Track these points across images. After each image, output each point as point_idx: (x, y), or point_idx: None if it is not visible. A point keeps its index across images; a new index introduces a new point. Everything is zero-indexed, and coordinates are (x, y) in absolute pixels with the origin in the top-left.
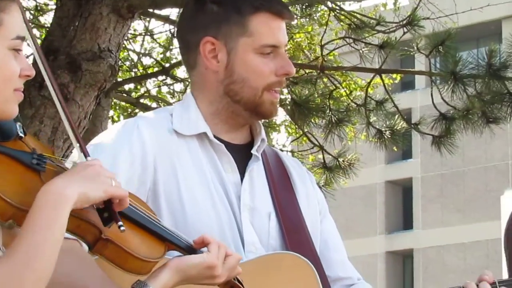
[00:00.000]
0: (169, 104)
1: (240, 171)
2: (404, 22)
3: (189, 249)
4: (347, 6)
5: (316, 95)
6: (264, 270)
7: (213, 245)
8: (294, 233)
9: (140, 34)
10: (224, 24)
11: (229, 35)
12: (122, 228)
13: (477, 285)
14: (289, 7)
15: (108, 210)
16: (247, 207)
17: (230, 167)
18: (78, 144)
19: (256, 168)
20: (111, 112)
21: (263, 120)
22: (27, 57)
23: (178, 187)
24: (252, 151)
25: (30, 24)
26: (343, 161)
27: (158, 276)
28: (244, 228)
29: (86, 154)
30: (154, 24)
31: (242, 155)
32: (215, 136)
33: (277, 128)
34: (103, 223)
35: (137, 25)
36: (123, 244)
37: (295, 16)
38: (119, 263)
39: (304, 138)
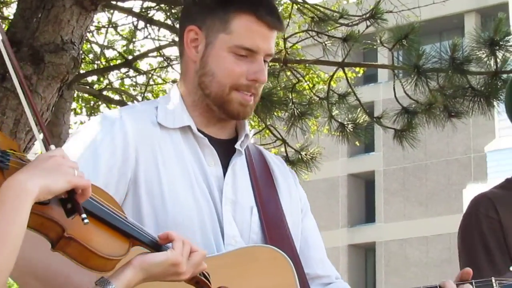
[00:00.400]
0: (132, 96)
1: (223, 165)
2: (367, 15)
3: (154, 246)
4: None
5: (279, 88)
6: (241, 262)
7: (177, 242)
8: (274, 228)
9: (104, 27)
10: (209, 17)
11: (211, 29)
12: (85, 220)
13: (457, 285)
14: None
15: (71, 201)
16: (229, 200)
17: (213, 161)
18: (41, 134)
19: (239, 163)
20: (74, 104)
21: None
22: None
23: (159, 179)
24: (235, 146)
25: None
26: (305, 154)
27: (122, 274)
28: (225, 221)
29: (49, 144)
30: (118, 17)
31: (226, 150)
32: (198, 130)
33: None
34: (66, 214)
35: (101, 17)
36: (86, 243)
37: (283, 26)
38: (82, 261)
39: (267, 131)
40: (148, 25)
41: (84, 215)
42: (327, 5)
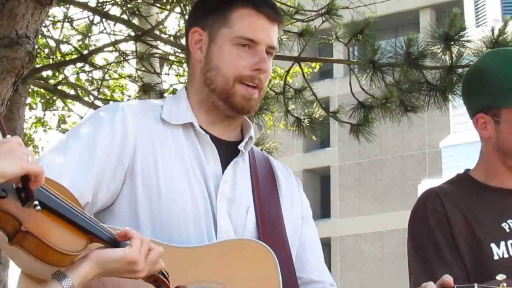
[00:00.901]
0: (87, 91)
1: (224, 164)
2: (323, 11)
3: (112, 242)
4: None
5: None
6: (226, 254)
7: (135, 240)
8: (270, 229)
9: (59, 21)
10: (211, 16)
11: (213, 26)
12: (38, 207)
13: None
14: None
15: (24, 189)
16: (226, 197)
17: (213, 158)
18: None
19: (241, 163)
20: (29, 99)
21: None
22: None
23: (156, 171)
24: (239, 147)
25: None
26: (261, 149)
27: (78, 268)
28: (219, 216)
29: (5, 133)
30: (73, 11)
31: (228, 150)
32: (202, 128)
33: None
34: (21, 203)
35: (57, 12)
36: (43, 237)
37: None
38: (39, 256)
39: None
40: (103, 19)
41: (36, 202)
42: (283, 0)
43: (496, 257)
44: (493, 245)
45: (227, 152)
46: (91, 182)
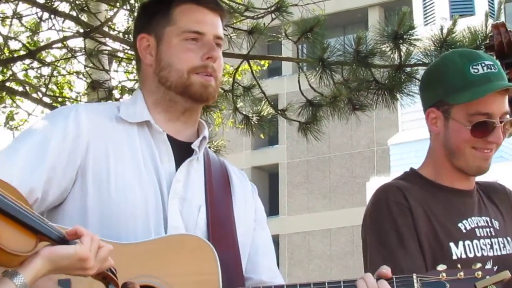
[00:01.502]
0: (36, 88)
1: (177, 163)
2: (273, 8)
3: (61, 241)
4: None
5: None
6: (167, 249)
7: (86, 237)
8: (220, 228)
9: (8, 18)
10: (153, 19)
11: (158, 28)
12: None
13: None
14: None
15: None
16: (178, 196)
17: (167, 157)
18: None
19: (195, 163)
20: None
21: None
22: None
23: (108, 169)
24: (192, 146)
25: None
26: (209, 147)
27: (29, 265)
28: (170, 213)
29: None
30: (22, 7)
31: (183, 150)
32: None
33: None
34: None
35: (6, 8)
36: None
37: (226, 10)
38: None
39: None
40: (52, 16)
41: None
42: None
43: (454, 257)
44: (452, 244)
45: (182, 151)
46: (41, 179)
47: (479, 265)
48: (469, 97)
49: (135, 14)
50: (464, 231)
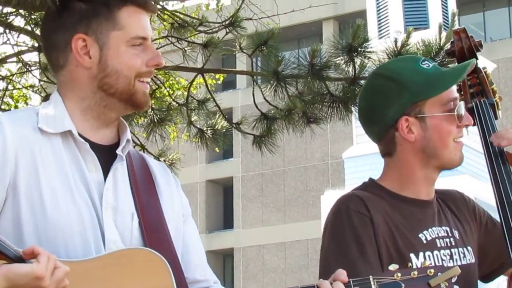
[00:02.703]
0: None
1: (104, 171)
2: (227, 22)
3: (18, 260)
4: (170, 6)
5: None
6: (118, 264)
7: (42, 257)
8: (154, 233)
9: None
10: (94, 20)
11: (100, 31)
12: None
13: (331, 284)
14: None
15: None
16: (110, 205)
17: (94, 166)
18: None
19: (120, 168)
20: None
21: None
22: None
23: (39, 185)
24: (117, 151)
25: None
26: (164, 160)
27: None
28: (105, 226)
29: None
30: None
31: (107, 155)
32: (80, 135)
33: None
34: None
35: None
36: None
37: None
38: None
39: None
40: (7, 30)
41: None
42: (187, 12)
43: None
44: (412, 255)
45: (105, 157)
46: None
47: (428, 262)
48: (444, 85)
49: None
50: (425, 241)
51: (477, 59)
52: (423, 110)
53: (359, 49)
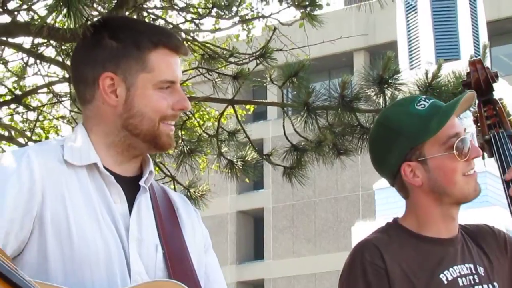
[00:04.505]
0: (21, 133)
1: (129, 203)
2: (257, 54)
3: None
4: (200, 37)
5: None
6: None
7: None
8: (178, 264)
9: None
10: (123, 60)
11: (129, 71)
12: None
13: None
14: None
15: None
16: (135, 238)
17: (119, 198)
18: None
19: (144, 200)
20: None
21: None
22: None
23: (66, 216)
24: (140, 183)
25: None
26: (194, 191)
27: None
28: (131, 258)
29: None
30: (8, 52)
31: (131, 187)
32: (105, 168)
33: None
34: None
35: None
36: None
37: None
38: None
39: (156, 168)
40: (38, 61)
41: None
42: (217, 43)
43: None
44: None
45: (129, 188)
46: (0, 234)
47: None
48: (437, 125)
49: None
50: (446, 282)
51: (493, 90)
52: (423, 153)
53: (390, 81)
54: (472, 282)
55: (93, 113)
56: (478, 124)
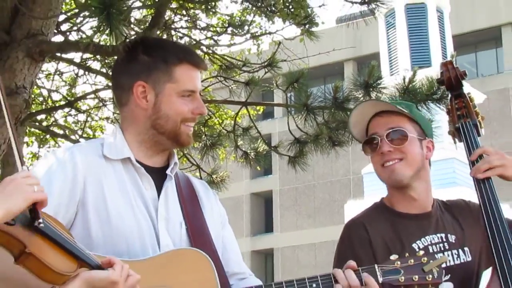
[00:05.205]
0: (73, 131)
1: (157, 189)
2: (265, 63)
3: (98, 268)
4: (218, 51)
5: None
6: (171, 262)
7: (117, 265)
8: (199, 237)
9: (50, 74)
10: (154, 72)
11: (157, 81)
12: (41, 224)
13: (343, 272)
14: None
15: (34, 210)
16: (163, 217)
17: (149, 185)
18: (19, 158)
19: (170, 186)
20: (26, 138)
21: None
22: None
23: (105, 201)
24: (166, 172)
25: None
26: (216, 177)
27: (71, 284)
28: (160, 233)
29: (22, 164)
30: (62, 66)
31: (159, 176)
32: (137, 161)
33: None
34: (32, 221)
35: (49, 67)
36: (43, 258)
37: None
38: (39, 274)
39: (184, 159)
40: (86, 72)
41: (40, 220)
42: (233, 55)
43: None
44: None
45: (157, 177)
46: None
47: (422, 252)
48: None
49: None
50: (417, 250)
51: (462, 86)
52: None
53: (374, 85)
54: (442, 248)
55: (128, 115)
56: (450, 114)
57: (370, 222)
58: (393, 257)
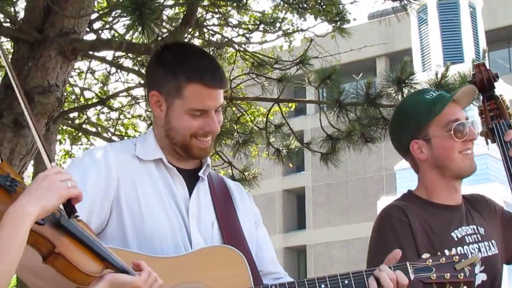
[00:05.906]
0: (105, 129)
1: (189, 189)
2: (297, 60)
3: (123, 271)
4: (250, 48)
5: (226, 121)
6: (203, 259)
7: (145, 272)
8: (232, 236)
9: (82, 72)
10: (166, 84)
11: (169, 94)
12: (79, 217)
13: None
14: (203, 49)
15: (69, 205)
16: (195, 216)
17: (181, 186)
18: (46, 155)
19: (202, 187)
20: (59, 136)
21: None
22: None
23: (138, 200)
24: (199, 174)
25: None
26: (248, 174)
27: (96, 285)
28: (192, 232)
29: (51, 161)
30: (94, 64)
31: (192, 177)
32: (169, 162)
33: None
34: (67, 215)
35: (82, 65)
36: (71, 259)
37: (227, 83)
38: (66, 274)
39: (216, 156)
40: (118, 70)
41: (77, 213)
42: (264, 53)
43: None
44: (446, 252)
45: (190, 178)
46: (84, 212)
47: (454, 251)
48: (439, 108)
49: None
50: (456, 239)
51: (494, 88)
52: (428, 133)
53: (406, 81)
54: (476, 239)
55: (155, 117)
56: (483, 115)
57: (407, 208)
58: (425, 255)
